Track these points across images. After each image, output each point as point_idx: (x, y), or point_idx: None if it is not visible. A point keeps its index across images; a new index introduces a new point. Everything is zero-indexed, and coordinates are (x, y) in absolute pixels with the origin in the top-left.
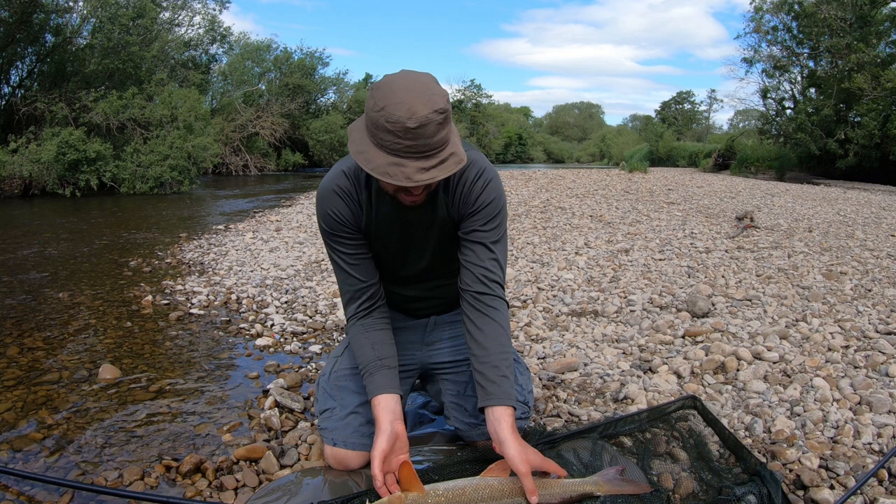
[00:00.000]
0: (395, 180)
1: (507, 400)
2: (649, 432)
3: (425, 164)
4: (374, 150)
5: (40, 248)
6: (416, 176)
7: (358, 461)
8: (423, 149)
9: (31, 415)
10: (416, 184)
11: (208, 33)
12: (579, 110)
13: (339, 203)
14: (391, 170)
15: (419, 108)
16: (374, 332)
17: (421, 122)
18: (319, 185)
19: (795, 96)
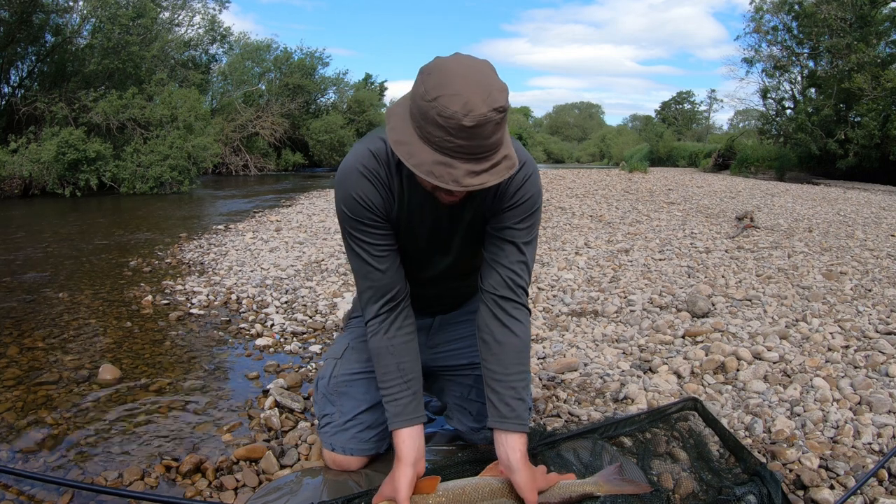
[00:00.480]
0: (442, 182)
1: (522, 427)
2: (649, 432)
3: (476, 168)
4: (420, 143)
5: (40, 248)
6: (465, 180)
7: (357, 464)
8: (476, 150)
9: (31, 415)
10: (464, 188)
11: (208, 33)
12: (579, 110)
13: (366, 185)
14: (437, 169)
15: (478, 104)
16: (399, 345)
17: (478, 122)
18: (341, 165)
19: (795, 96)
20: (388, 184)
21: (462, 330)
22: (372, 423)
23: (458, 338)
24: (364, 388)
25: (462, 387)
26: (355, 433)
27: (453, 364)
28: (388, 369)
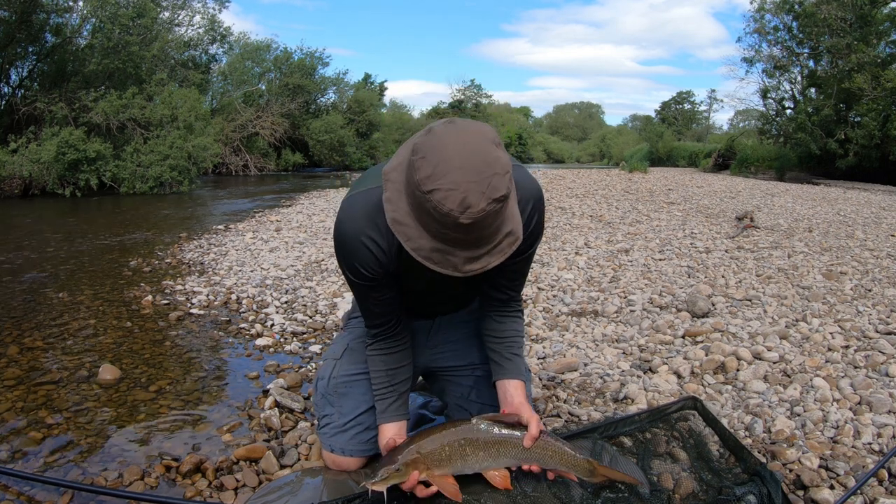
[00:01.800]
0: (441, 268)
1: (519, 375)
2: (649, 432)
3: (476, 253)
4: (417, 228)
5: (40, 248)
6: (464, 267)
7: (356, 465)
8: (475, 242)
9: (31, 415)
10: (464, 275)
11: (208, 33)
12: (579, 110)
13: (368, 257)
14: (435, 256)
15: (476, 199)
16: (391, 355)
17: (476, 219)
18: (342, 226)
19: (795, 96)
20: (389, 249)
21: (462, 330)
22: (371, 424)
23: (458, 338)
24: (363, 388)
25: (462, 387)
26: (354, 434)
27: (453, 364)
28: (379, 373)
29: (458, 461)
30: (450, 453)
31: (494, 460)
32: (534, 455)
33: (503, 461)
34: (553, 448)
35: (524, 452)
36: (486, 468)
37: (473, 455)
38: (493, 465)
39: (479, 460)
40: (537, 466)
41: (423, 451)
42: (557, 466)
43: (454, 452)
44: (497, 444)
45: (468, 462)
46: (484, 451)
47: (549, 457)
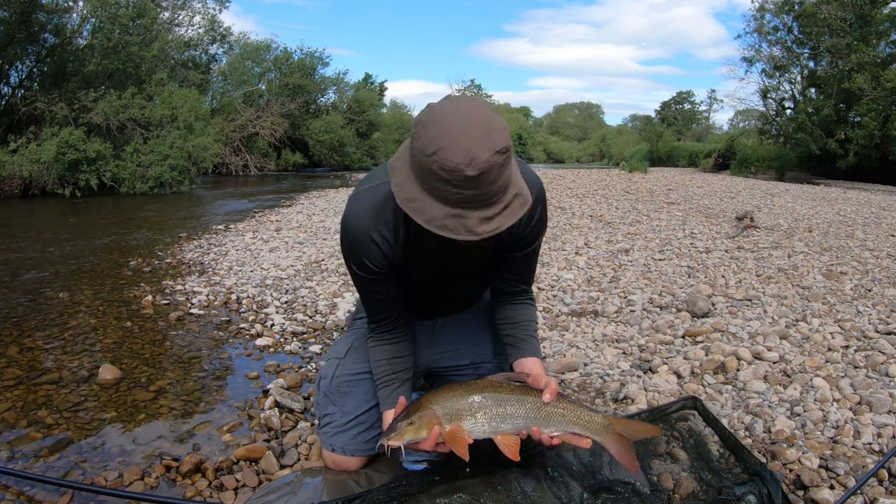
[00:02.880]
0: (456, 234)
1: (536, 353)
2: None
3: (488, 213)
4: (427, 199)
5: (40, 248)
6: (479, 228)
7: (356, 465)
8: (485, 197)
9: (31, 415)
10: (480, 237)
11: (208, 33)
12: (579, 110)
13: (375, 251)
14: (449, 223)
15: (479, 151)
16: (392, 345)
17: (482, 169)
18: (349, 221)
19: (795, 96)
20: (394, 241)
21: (464, 329)
22: (373, 423)
23: (461, 337)
24: (366, 388)
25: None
26: (356, 434)
27: (455, 364)
28: (381, 363)
29: (471, 417)
30: (462, 409)
31: (507, 420)
32: (550, 414)
33: (516, 422)
34: (568, 406)
35: (539, 412)
36: (497, 430)
37: (486, 412)
38: (505, 426)
39: (491, 418)
40: (547, 436)
41: (436, 405)
42: (572, 428)
43: (468, 407)
44: (511, 401)
45: (479, 420)
46: (497, 408)
47: (565, 417)
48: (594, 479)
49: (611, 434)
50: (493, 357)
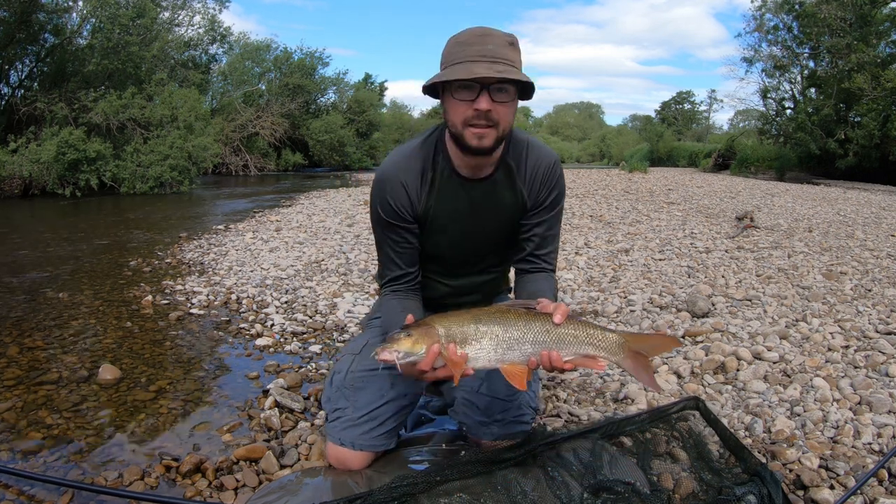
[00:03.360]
0: (458, 75)
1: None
2: (649, 432)
3: (494, 68)
4: (449, 68)
5: (40, 248)
6: (483, 72)
7: (359, 462)
8: (491, 55)
9: (31, 415)
10: (474, 74)
11: (208, 33)
12: (579, 110)
13: (399, 191)
14: (458, 69)
15: (487, 28)
16: (407, 300)
17: (488, 32)
18: (381, 168)
19: (795, 96)
20: (418, 185)
21: None
22: (386, 418)
23: None
24: (380, 384)
25: (473, 381)
26: (368, 429)
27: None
28: (393, 308)
29: (475, 343)
30: (468, 331)
31: (515, 347)
32: (560, 336)
33: (525, 348)
34: (581, 327)
35: (549, 335)
36: (504, 359)
37: (492, 338)
38: (513, 354)
39: (497, 345)
40: (559, 360)
41: (439, 324)
42: (585, 349)
43: (473, 331)
44: (519, 326)
45: (484, 347)
46: (505, 334)
47: (577, 338)
48: (594, 479)
49: (627, 352)
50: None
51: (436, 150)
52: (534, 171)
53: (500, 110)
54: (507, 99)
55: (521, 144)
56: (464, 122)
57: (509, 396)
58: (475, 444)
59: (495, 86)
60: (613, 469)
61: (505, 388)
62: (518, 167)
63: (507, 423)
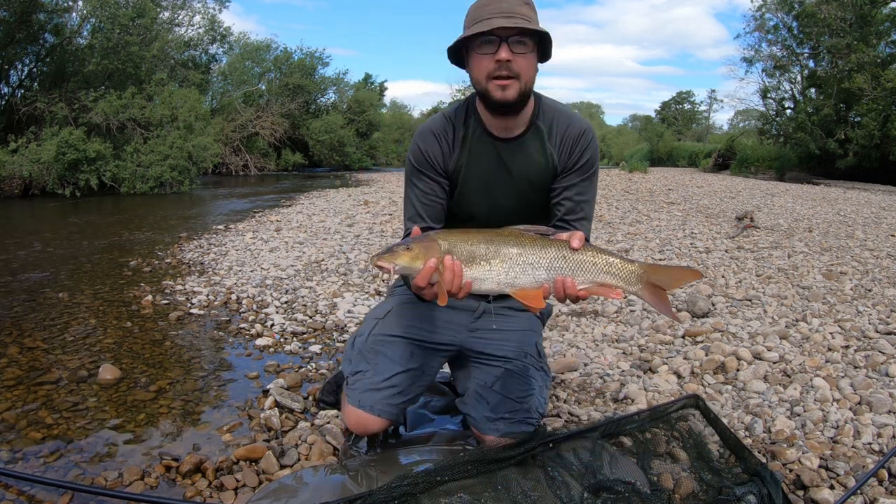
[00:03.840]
0: (477, 29)
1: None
2: (649, 432)
3: (509, 21)
4: (469, 30)
5: (40, 248)
6: (496, 21)
7: (377, 426)
8: (507, 11)
9: (31, 415)
10: (492, 26)
11: (208, 33)
12: (579, 110)
13: (432, 141)
14: (477, 26)
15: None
16: None
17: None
18: (419, 128)
19: (795, 96)
20: (450, 140)
21: (508, 323)
22: (404, 388)
23: (501, 330)
24: (402, 349)
25: (489, 375)
26: (388, 395)
27: (487, 353)
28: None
29: (484, 263)
30: (476, 250)
31: (528, 271)
32: (577, 263)
33: (538, 274)
34: (600, 254)
35: (565, 260)
36: (515, 283)
37: (504, 260)
38: (525, 278)
39: (509, 267)
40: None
41: (443, 239)
42: (602, 278)
43: (483, 251)
44: (534, 249)
45: (494, 269)
46: (518, 257)
47: (595, 265)
48: (594, 479)
49: (645, 284)
50: (534, 356)
51: (467, 112)
52: (564, 133)
53: (520, 62)
54: (526, 51)
55: (553, 111)
56: (487, 76)
57: (520, 398)
58: (478, 438)
59: (514, 38)
60: (613, 469)
61: (518, 389)
62: (549, 130)
63: (514, 423)
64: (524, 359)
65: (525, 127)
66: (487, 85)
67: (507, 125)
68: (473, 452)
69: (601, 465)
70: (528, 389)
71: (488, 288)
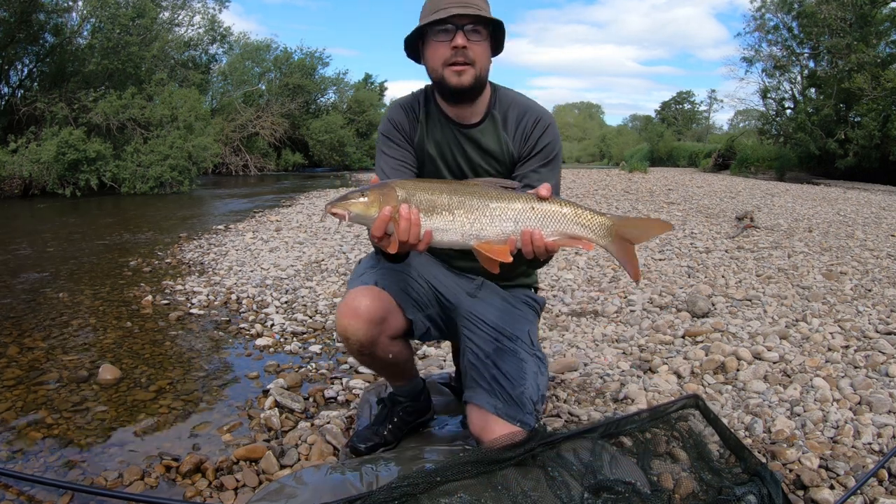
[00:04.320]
0: (434, 17)
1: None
2: (649, 432)
3: (464, 8)
4: (424, 19)
5: (40, 248)
6: (452, 9)
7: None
8: (463, 2)
9: (31, 415)
10: (449, 13)
11: (208, 33)
12: (579, 110)
13: (400, 113)
14: (433, 15)
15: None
16: None
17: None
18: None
19: (795, 96)
20: (415, 114)
21: (507, 300)
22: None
23: (503, 301)
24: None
25: (484, 343)
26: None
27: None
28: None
29: (446, 213)
30: (437, 200)
31: (495, 222)
32: (545, 214)
33: (505, 225)
34: (569, 205)
35: (533, 211)
36: (480, 235)
37: (468, 210)
38: (491, 230)
39: (474, 219)
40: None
41: (401, 187)
42: (572, 229)
43: (445, 201)
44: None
45: (457, 219)
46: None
47: (564, 216)
48: (594, 479)
49: (614, 237)
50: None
51: (426, 97)
52: (519, 121)
53: (475, 49)
54: (481, 39)
55: (509, 100)
56: (443, 63)
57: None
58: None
59: (468, 26)
60: (613, 469)
61: (512, 366)
62: (504, 118)
63: (511, 404)
64: (514, 342)
65: (482, 116)
66: (444, 71)
67: (463, 113)
68: (473, 452)
69: (601, 465)
70: (521, 371)
71: (451, 240)
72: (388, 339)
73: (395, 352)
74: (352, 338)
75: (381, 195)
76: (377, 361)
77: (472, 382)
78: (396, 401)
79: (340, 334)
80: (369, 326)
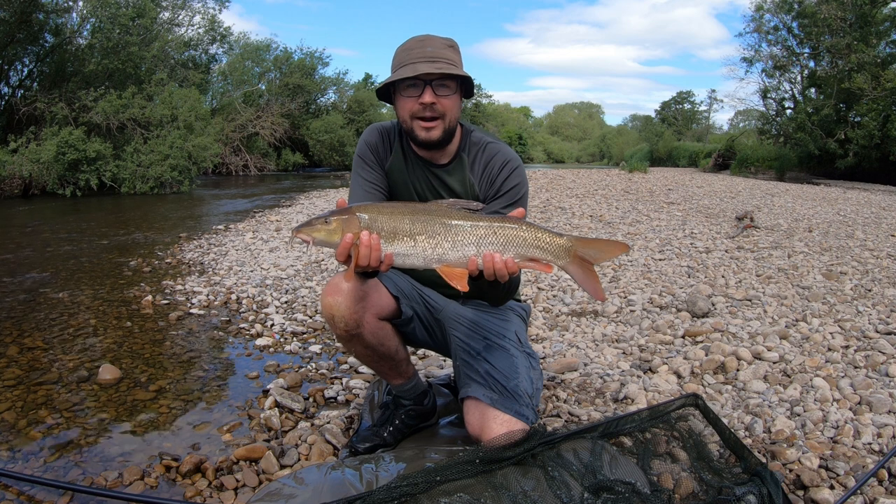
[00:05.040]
0: (402, 74)
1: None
2: (649, 432)
3: (432, 67)
4: (395, 74)
5: (40, 248)
6: (420, 67)
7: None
8: (431, 56)
9: (31, 415)
10: (417, 72)
11: (208, 33)
12: (579, 110)
13: (376, 137)
14: (402, 71)
15: (428, 34)
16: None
17: (429, 37)
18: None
19: (795, 96)
20: (390, 142)
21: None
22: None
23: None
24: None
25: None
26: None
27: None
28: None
29: (408, 239)
30: (400, 226)
31: (457, 247)
32: (507, 238)
33: (467, 249)
34: (529, 229)
35: (494, 235)
36: (443, 259)
37: (430, 235)
38: (453, 254)
39: (437, 244)
40: (501, 260)
41: (364, 212)
42: (531, 252)
43: (407, 226)
44: (463, 226)
45: (419, 244)
46: (446, 233)
47: (524, 240)
48: (594, 479)
49: (573, 257)
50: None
51: (400, 133)
52: (486, 164)
53: (444, 102)
54: (449, 92)
55: (479, 144)
56: (412, 116)
57: (507, 373)
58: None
59: (437, 81)
60: (613, 469)
61: (503, 362)
62: (472, 162)
63: (506, 396)
64: (502, 339)
65: (451, 157)
66: (413, 124)
67: (434, 155)
68: (473, 452)
69: (601, 465)
70: (513, 365)
71: (413, 263)
72: (375, 318)
73: (384, 335)
74: (336, 315)
75: (344, 222)
76: (368, 349)
77: (466, 379)
78: (400, 403)
79: (326, 315)
80: (352, 301)
